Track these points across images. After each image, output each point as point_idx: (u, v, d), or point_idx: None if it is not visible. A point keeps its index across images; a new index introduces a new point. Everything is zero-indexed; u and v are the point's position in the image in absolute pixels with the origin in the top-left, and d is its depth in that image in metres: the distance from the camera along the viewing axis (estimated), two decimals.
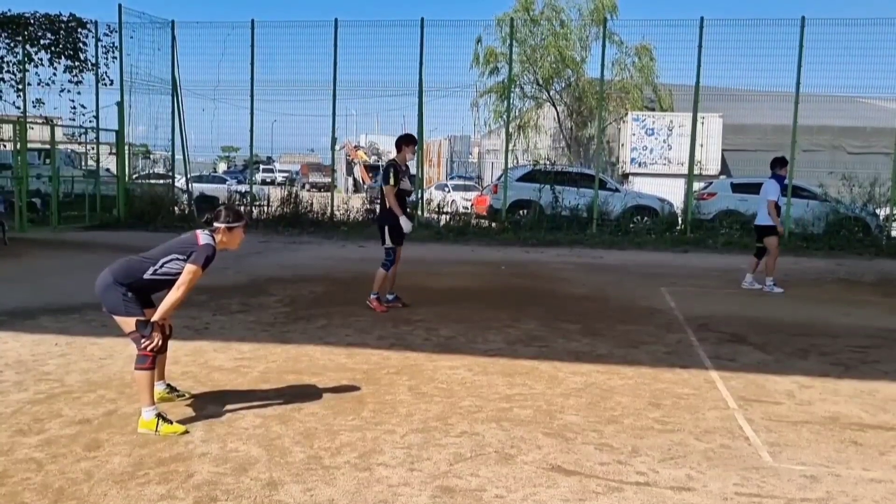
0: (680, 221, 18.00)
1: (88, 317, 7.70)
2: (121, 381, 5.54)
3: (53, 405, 5.01)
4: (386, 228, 8.42)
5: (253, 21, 18.30)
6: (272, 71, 18.60)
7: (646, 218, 18.26)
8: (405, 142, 8.46)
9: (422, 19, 17.60)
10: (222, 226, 4.73)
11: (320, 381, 5.70)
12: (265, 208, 19.45)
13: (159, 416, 4.55)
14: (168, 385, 5.19)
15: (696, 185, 19.33)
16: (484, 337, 7.28)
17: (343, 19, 18.02)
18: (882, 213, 17.42)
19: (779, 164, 10.89)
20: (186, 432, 4.53)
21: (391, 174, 8.30)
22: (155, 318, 4.58)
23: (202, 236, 4.68)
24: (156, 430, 4.48)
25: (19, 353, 6.29)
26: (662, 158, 23.19)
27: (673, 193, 19.15)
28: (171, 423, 4.56)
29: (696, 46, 16.84)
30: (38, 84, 18.61)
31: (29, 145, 17.64)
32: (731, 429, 4.87)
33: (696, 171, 21.51)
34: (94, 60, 18.62)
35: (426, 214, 19.28)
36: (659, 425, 4.91)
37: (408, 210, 8.88)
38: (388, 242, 8.42)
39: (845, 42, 17.11)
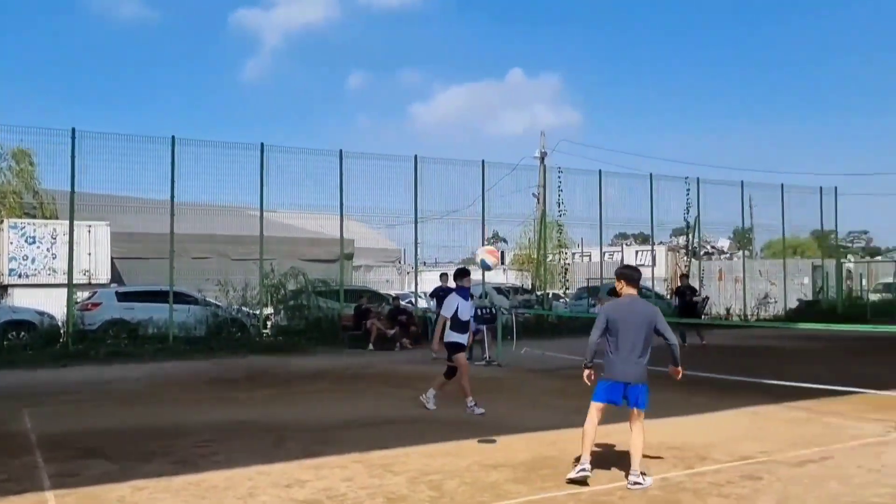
0: (62, 334, 17.17)
1: None
2: None
3: None
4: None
5: None
6: None
7: (23, 333, 16.96)
8: None
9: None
10: None
11: None
12: None
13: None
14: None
15: (83, 295, 18.83)
16: None
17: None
18: (260, 312, 19.27)
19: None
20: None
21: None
22: None
23: None
24: None
25: None
26: (47, 269, 21.94)
27: (61, 305, 18.20)
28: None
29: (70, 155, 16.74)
30: None
31: None
32: None
33: (86, 280, 20.92)
34: None
35: None
36: None
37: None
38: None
39: (212, 161, 18.76)
